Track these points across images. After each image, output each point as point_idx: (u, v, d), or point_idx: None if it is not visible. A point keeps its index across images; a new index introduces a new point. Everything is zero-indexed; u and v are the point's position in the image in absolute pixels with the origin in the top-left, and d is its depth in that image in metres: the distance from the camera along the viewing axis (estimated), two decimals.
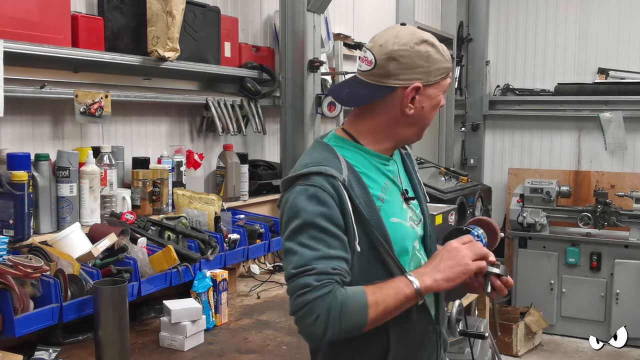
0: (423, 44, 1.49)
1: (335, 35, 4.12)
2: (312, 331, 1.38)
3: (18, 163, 2.08)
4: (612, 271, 5.26)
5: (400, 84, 1.49)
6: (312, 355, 1.61)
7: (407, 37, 1.49)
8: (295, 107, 3.54)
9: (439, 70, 1.52)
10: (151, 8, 2.58)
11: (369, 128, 1.56)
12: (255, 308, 2.69)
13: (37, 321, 1.87)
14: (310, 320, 1.37)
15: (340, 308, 1.35)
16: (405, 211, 1.59)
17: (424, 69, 1.49)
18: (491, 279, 1.51)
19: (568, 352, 5.21)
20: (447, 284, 1.44)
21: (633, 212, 5.30)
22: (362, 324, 1.39)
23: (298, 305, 1.38)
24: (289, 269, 1.42)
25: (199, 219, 2.68)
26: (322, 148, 1.56)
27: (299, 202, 1.43)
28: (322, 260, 1.38)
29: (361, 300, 1.38)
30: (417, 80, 1.49)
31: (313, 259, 1.38)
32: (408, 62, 1.48)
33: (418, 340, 1.57)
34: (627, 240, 5.26)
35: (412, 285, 1.41)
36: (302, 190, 1.44)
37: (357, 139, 1.57)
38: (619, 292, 5.22)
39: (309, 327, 1.38)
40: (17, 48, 2.10)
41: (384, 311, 1.40)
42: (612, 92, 5.88)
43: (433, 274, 1.43)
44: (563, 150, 6.32)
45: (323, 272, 1.37)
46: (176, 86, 2.98)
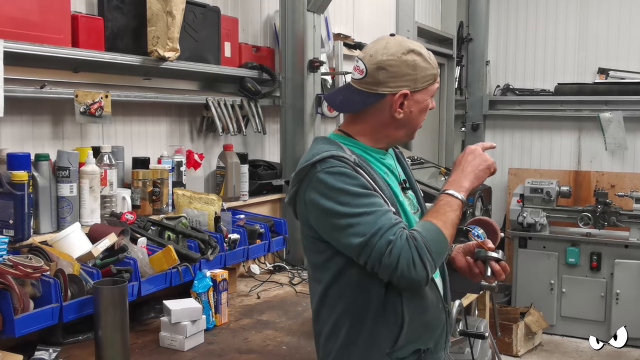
0: (410, 54, 1.63)
1: (335, 35, 4.12)
2: (416, 277, 1.49)
3: (18, 163, 2.08)
4: (612, 271, 5.26)
5: (389, 91, 1.63)
6: (327, 340, 1.67)
7: (394, 47, 1.63)
8: (295, 107, 3.54)
9: (426, 77, 1.65)
10: (151, 8, 2.58)
11: (363, 130, 1.71)
12: (255, 308, 2.69)
13: (37, 321, 1.87)
14: (409, 268, 1.48)
15: (424, 243, 1.49)
16: (404, 199, 1.73)
17: (411, 77, 1.63)
18: (491, 264, 1.65)
19: (568, 352, 5.21)
20: (478, 181, 1.65)
21: (633, 212, 5.30)
22: (446, 244, 1.56)
23: (392, 264, 1.48)
24: (357, 241, 1.50)
25: (199, 219, 2.68)
26: (325, 141, 1.68)
27: (332, 182, 1.54)
28: (382, 218, 1.51)
29: (433, 227, 1.54)
30: (405, 87, 1.63)
31: (375, 221, 1.50)
32: (396, 70, 1.62)
33: (430, 318, 1.67)
34: (627, 240, 5.26)
35: (456, 196, 1.60)
36: (327, 173, 1.55)
37: (355, 138, 1.72)
38: (619, 292, 5.22)
39: (412, 275, 1.48)
40: (17, 48, 2.10)
41: (452, 225, 1.58)
42: (612, 92, 5.88)
43: (467, 177, 1.64)
44: (563, 150, 6.32)
45: (391, 226, 1.50)
46: (176, 86, 2.98)
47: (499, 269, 1.66)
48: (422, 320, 1.64)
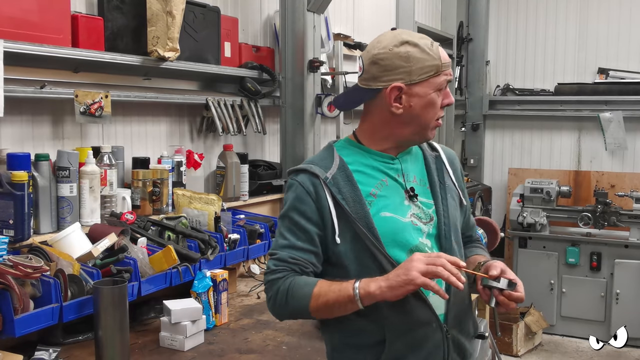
0: (403, 45, 1.56)
1: (335, 35, 4.12)
2: (269, 306, 1.62)
3: (18, 163, 2.08)
4: (612, 271, 5.26)
5: (382, 85, 1.58)
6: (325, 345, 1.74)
7: (387, 40, 1.59)
8: (295, 107, 3.54)
9: (423, 68, 1.57)
10: (151, 8, 2.58)
11: (367, 129, 1.68)
12: (255, 308, 2.69)
13: (37, 321, 1.87)
14: (267, 297, 1.60)
15: (286, 293, 1.54)
16: (406, 207, 1.63)
17: (404, 69, 1.56)
18: (494, 293, 1.54)
19: (568, 352, 5.21)
20: (390, 292, 1.45)
21: (633, 212, 5.30)
22: (305, 310, 1.54)
23: (264, 282, 1.63)
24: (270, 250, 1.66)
25: (199, 219, 2.68)
26: (324, 149, 1.70)
27: (286, 195, 1.65)
28: (286, 249, 1.58)
29: (306, 289, 1.53)
30: (399, 80, 1.57)
31: (279, 247, 1.59)
32: (388, 64, 1.57)
33: (417, 337, 1.59)
34: (627, 240, 5.26)
35: (354, 290, 1.48)
36: (289, 185, 1.64)
37: (360, 140, 1.69)
38: (619, 292, 5.22)
39: (267, 302, 1.61)
40: (17, 48, 2.10)
41: (324, 304, 1.51)
42: (612, 92, 5.87)
43: (380, 282, 1.47)
44: (563, 150, 6.31)
45: (282, 260, 1.57)
46: (176, 86, 2.98)
47: (503, 299, 1.53)
48: (406, 340, 1.57)
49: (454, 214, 1.70)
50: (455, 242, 1.67)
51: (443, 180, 1.71)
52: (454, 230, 1.68)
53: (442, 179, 1.71)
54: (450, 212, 1.68)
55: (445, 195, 1.69)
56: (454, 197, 1.72)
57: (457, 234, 1.70)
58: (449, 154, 1.79)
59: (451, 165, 1.75)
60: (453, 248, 1.66)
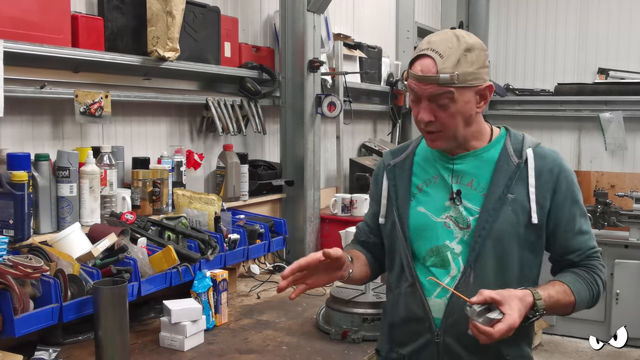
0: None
1: (335, 35, 4.12)
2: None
3: (18, 163, 2.08)
4: (612, 271, 5.25)
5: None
6: None
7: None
8: (295, 107, 3.54)
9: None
10: (151, 8, 2.58)
11: None
12: (255, 308, 2.69)
13: (37, 321, 1.87)
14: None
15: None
16: (445, 208, 1.65)
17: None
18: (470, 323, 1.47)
19: (568, 352, 5.21)
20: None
21: (633, 212, 5.29)
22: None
23: None
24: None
25: (199, 219, 2.68)
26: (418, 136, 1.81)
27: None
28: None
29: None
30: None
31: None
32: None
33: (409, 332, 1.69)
34: (627, 240, 5.25)
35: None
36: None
37: None
38: (619, 292, 5.22)
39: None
40: (17, 48, 2.10)
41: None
42: (612, 92, 5.87)
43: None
44: (563, 151, 6.30)
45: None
46: (176, 86, 2.97)
47: (476, 332, 1.45)
48: (404, 329, 1.70)
49: (505, 228, 1.59)
50: (495, 257, 1.60)
51: (509, 191, 1.60)
52: (495, 244, 1.59)
53: (509, 190, 1.60)
54: (497, 225, 1.59)
55: (499, 207, 1.59)
56: (518, 211, 1.60)
57: (503, 249, 1.60)
58: (542, 165, 1.63)
59: (538, 178, 1.61)
60: (481, 262, 1.60)
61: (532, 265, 1.65)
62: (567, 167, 1.66)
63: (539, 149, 1.68)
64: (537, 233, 1.63)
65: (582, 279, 1.62)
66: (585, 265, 1.65)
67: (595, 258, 1.66)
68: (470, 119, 1.61)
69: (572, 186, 1.64)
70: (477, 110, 1.61)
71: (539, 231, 1.63)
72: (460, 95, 1.55)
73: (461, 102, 1.56)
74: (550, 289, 1.56)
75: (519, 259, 1.62)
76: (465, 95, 1.56)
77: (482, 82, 1.58)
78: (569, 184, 1.64)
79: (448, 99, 1.55)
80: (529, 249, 1.63)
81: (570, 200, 1.63)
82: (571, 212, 1.64)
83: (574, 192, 1.64)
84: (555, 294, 1.56)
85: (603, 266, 1.67)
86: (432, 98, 1.56)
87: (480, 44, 1.59)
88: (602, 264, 1.67)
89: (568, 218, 1.63)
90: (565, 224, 1.64)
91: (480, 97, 1.60)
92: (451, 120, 1.58)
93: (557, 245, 1.66)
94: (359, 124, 4.78)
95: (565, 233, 1.64)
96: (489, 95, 1.61)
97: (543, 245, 1.66)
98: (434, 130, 1.60)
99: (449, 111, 1.57)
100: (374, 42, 4.77)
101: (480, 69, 1.57)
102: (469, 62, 1.54)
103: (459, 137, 1.62)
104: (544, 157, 1.65)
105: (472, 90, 1.57)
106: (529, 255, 1.64)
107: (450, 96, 1.55)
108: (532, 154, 1.64)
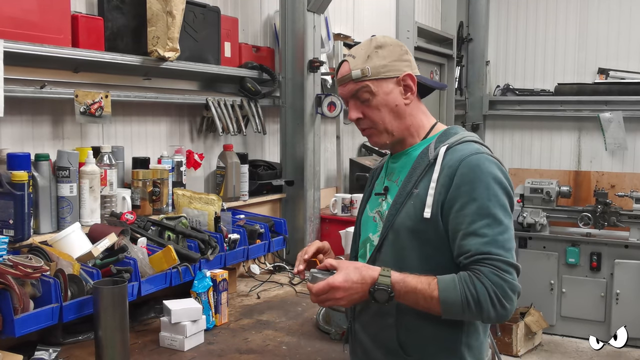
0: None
1: (335, 35, 4.12)
2: None
3: (18, 163, 2.08)
4: (612, 271, 5.25)
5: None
6: None
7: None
8: (295, 107, 3.54)
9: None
10: (151, 8, 2.58)
11: None
12: (255, 308, 2.69)
13: (37, 321, 1.87)
14: None
15: None
16: (377, 204, 1.74)
17: None
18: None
19: (568, 352, 5.21)
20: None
21: (633, 212, 5.30)
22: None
23: None
24: None
25: (199, 219, 2.68)
26: None
27: None
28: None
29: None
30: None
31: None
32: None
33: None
34: (627, 240, 5.26)
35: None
36: None
37: None
38: (619, 292, 5.22)
39: None
40: (17, 48, 2.10)
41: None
42: (612, 92, 5.88)
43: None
44: (563, 150, 6.31)
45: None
46: (176, 86, 2.98)
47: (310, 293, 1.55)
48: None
49: (404, 222, 1.58)
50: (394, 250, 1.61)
51: (415, 187, 1.59)
52: (395, 237, 1.60)
53: (417, 186, 1.59)
54: (398, 219, 1.60)
55: (402, 202, 1.60)
56: (417, 206, 1.57)
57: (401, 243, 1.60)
58: (448, 160, 1.56)
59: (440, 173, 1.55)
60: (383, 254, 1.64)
61: (436, 262, 1.56)
62: (473, 162, 1.52)
63: (460, 146, 1.57)
64: (434, 228, 1.54)
65: (458, 280, 1.47)
66: (471, 269, 1.48)
67: (487, 265, 1.46)
68: (399, 110, 1.65)
69: (472, 183, 1.50)
70: (404, 101, 1.65)
71: (435, 226, 1.54)
72: (378, 87, 1.63)
73: (381, 94, 1.63)
74: (411, 277, 1.50)
75: (419, 253, 1.57)
76: (383, 86, 1.63)
77: (399, 72, 1.63)
78: (469, 179, 1.51)
79: (367, 92, 1.63)
80: (429, 244, 1.56)
81: (465, 197, 1.50)
82: (464, 210, 1.50)
83: (474, 190, 1.50)
84: (415, 282, 1.49)
85: (498, 276, 1.45)
86: (354, 96, 1.65)
87: (394, 42, 1.67)
88: (498, 273, 1.45)
89: (458, 216, 1.51)
90: (455, 222, 1.52)
91: (404, 87, 1.65)
92: (377, 113, 1.65)
93: (451, 244, 1.54)
94: None
95: (454, 233, 1.52)
96: (412, 84, 1.65)
97: (447, 242, 1.55)
98: (366, 127, 1.69)
99: (372, 105, 1.64)
100: None
101: (394, 62, 1.64)
102: (380, 56, 1.63)
103: (394, 131, 1.67)
104: (454, 152, 1.56)
105: (389, 82, 1.63)
106: (430, 251, 1.56)
107: (368, 89, 1.63)
108: (444, 150, 1.57)
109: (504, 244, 1.48)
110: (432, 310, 1.50)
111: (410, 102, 1.66)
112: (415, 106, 1.69)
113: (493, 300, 1.45)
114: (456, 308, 1.47)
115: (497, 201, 1.50)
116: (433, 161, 1.58)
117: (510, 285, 1.46)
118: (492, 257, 1.46)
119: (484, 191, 1.50)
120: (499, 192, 1.51)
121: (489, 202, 1.49)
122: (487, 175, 1.51)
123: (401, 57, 1.65)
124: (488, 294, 1.44)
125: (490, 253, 1.46)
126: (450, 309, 1.48)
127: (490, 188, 1.50)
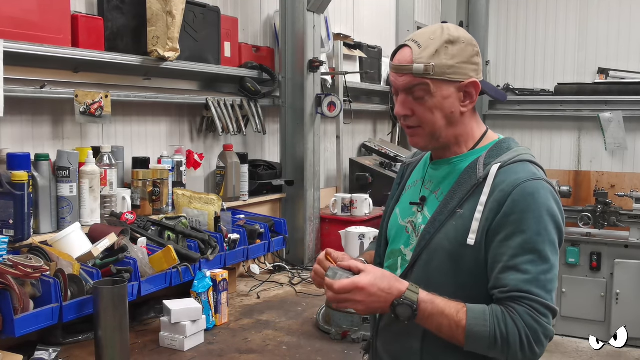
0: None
1: (335, 35, 4.12)
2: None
3: (18, 163, 2.08)
4: (612, 271, 5.25)
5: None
6: None
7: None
8: (295, 107, 3.54)
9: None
10: (151, 8, 2.58)
11: None
12: (255, 308, 2.69)
13: (37, 321, 1.87)
14: None
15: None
16: (411, 213, 1.57)
17: None
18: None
19: (568, 352, 5.20)
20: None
21: (633, 212, 5.29)
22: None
23: None
24: None
25: (199, 219, 2.68)
26: None
27: None
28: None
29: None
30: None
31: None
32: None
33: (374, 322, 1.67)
34: (627, 240, 5.26)
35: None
36: None
37: None
38: (619, 292, 5.22)
39: None
40: (17, 48, 2.10)
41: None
42: (612, 92, 5.88)
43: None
44: (563, 150, 6.31)
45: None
46: (176, 86, 2.98)
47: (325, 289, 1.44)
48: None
49: (442, 244, 1.45)
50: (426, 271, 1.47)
51: (460, 206, 1.45)
52: (430, 258, 1.47)
53: (460, 204, 1.45)
54: (436, 239, 1.46)
55: (444, 221, 1.46)
56: (460, 228, 1.43)
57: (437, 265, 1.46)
58: (500, 182, 1.40)
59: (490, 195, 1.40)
60: (414, 274, 1.49)
61: (470, 291, 1.42)
62: (528, 190, 1.37)
63: (514, 166, 1.43)
64: (475, 256, 1.41)
65: (489, 313, 1.36)
66: (506, 305, 1.36)
67: (523, 305, 1.34)
68: (453, 117, 1.47)
69: (523, 213, 1.36)
70: (461, 109, 1.47)
71: (477, 254, 1.41)
72: (437, 89, 1.44)
73: (439, 97, 1.44)
74: (440, 298, 1.38)
75: (454, 281, 1.43)
76: (443, 89, 1.44)
77: (464, 77, 1.45)
78: (520, 209, 1.36)
79: (424, 91, 1.44)
80: (467, 273, 1.42)
81: (512, 227, 1.36)
82: (508, 241, 1.36)
83: (523, 220, 1.36)
84: (443, 305, 1.37)
85: (533, 318, 1.33)
86: (408, 90, 1.46)
87: (468, 39, 1.46)
88: (534, 315, 1.33)
89: (501, 246, 1.37)
90: (496, 252, 1.38)
91: (464, 94, 1.47)
92: (429, 115, 1.46)
93: (488, 273, 1.41)
94: (359, 124, 4.78)
95: (494, 263, 1.39)
96: (475, 93, 1.48)
97: (485, 271, 1.42)
98: (412, 125, 1.50)
99: (425, 105, 1.45)
100: (374, 42, 4.77)
101: (462, 64, 1.44)
102: (449, 54, 1.43)
103: (440, 137, 1.49)
104: (507, 174, 1.41)
105: (452, 85, 1.45)
106: (467, 279, 1.43)
107: (425, 88, 1.44)
108: (496, 170, 1.42)
109: (545, 285, 1.35)
110: (454, 339, 1.38)
111: (467, 111, 1.49)
112: (470, 114, 1.52)
113: (523, 343, 1.33)
114: (482, 342, 1.35)
115: (547, 236, 1.37)
116: (482, 180, 1.43)
117: (544, 330, 1.34)
118: (530, 297, 1.34)
119: (534, 224, 1.36)
120: (550, 226, 1.38)
121: (538, 237, 1.36)
122: (541, 206, 1.37)
123: (471, 59, 1.46)
124: (519, 336, 1.33)
125: (529, 292, 1.34)
126: (475, 343, 1.36)
127: (542, 222, 1.37)
